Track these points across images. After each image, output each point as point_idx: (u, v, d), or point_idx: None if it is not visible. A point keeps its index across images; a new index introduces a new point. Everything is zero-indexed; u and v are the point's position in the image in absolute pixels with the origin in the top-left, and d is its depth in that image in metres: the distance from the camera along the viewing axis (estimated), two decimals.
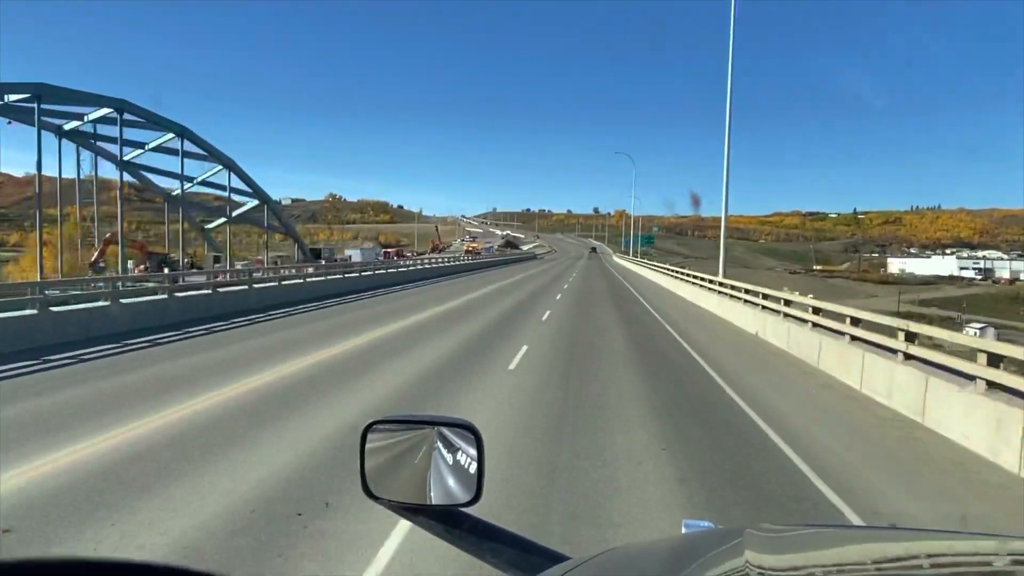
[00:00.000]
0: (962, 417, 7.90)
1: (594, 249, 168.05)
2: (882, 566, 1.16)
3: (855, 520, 5.40)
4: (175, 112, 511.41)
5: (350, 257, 75.01)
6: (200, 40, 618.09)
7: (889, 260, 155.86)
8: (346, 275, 32.09)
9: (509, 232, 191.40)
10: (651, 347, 15.58)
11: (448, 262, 51.57)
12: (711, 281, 25.32)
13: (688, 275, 31.57)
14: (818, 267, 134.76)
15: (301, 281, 27.30)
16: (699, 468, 6.45)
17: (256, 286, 23.27)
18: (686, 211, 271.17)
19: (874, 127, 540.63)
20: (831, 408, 9.77)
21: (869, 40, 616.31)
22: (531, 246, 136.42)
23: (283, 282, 25.78)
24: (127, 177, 36.48)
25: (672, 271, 37.36)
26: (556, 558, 1.27)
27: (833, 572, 1.15)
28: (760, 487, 6.05)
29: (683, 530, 1.52)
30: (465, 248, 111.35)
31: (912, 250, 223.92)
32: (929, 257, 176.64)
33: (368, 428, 1.48)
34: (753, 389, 10.66)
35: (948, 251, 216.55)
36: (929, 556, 1.20)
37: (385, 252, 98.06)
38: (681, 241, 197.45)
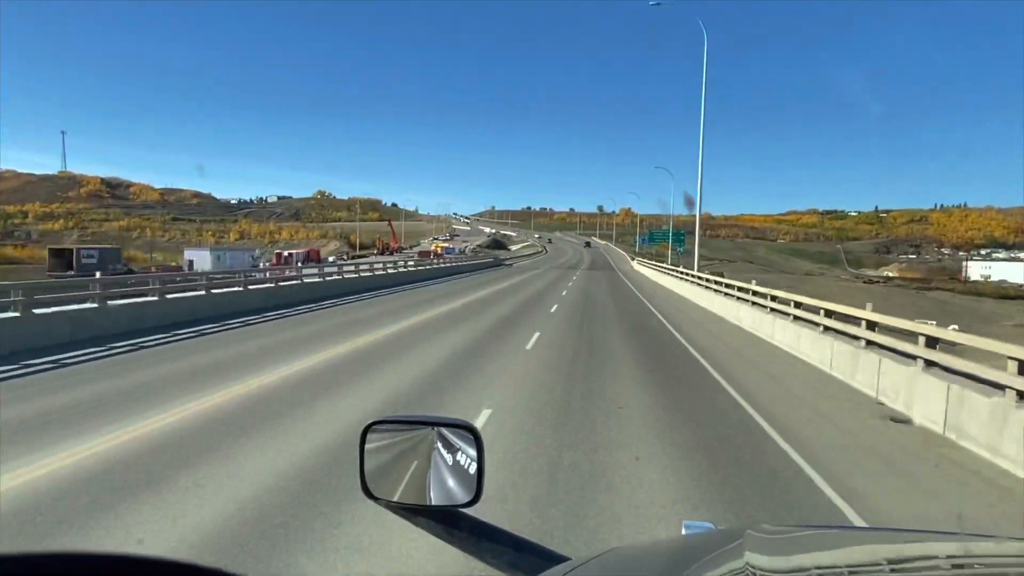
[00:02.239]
0: None
1: (588, 243, 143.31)
2: (882, 567, 1.16)
3: None
4: (165, 111, 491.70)
5: (190, 263, 55.28)
6: (189, 38, 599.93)
7: (967, 264, 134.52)
8: None
9: (497, 230, 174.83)
10: None
11: (373, 271, 33.30)
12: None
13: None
14: (891, 273, 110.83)
15: None
16: None
17: None
18: (683, 210, 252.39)
19: (888, 125, 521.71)
20: None
21: (875, 41, 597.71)
22: (520, 246, 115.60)
23: None
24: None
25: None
26: (556, 559, 1.26)
27: (833, 574, 1.15)
28: None
29: (683, 531, 1.52)
30: (431, 249, 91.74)
31: (944, 250, 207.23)
32: (1014, 258, 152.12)
33: (368, 429, 1.46)
34: None
35: (983, 251, 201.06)
36: (928, 558, 1.21)
37: (279, 255, 71.77)
38: (693, 241, 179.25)
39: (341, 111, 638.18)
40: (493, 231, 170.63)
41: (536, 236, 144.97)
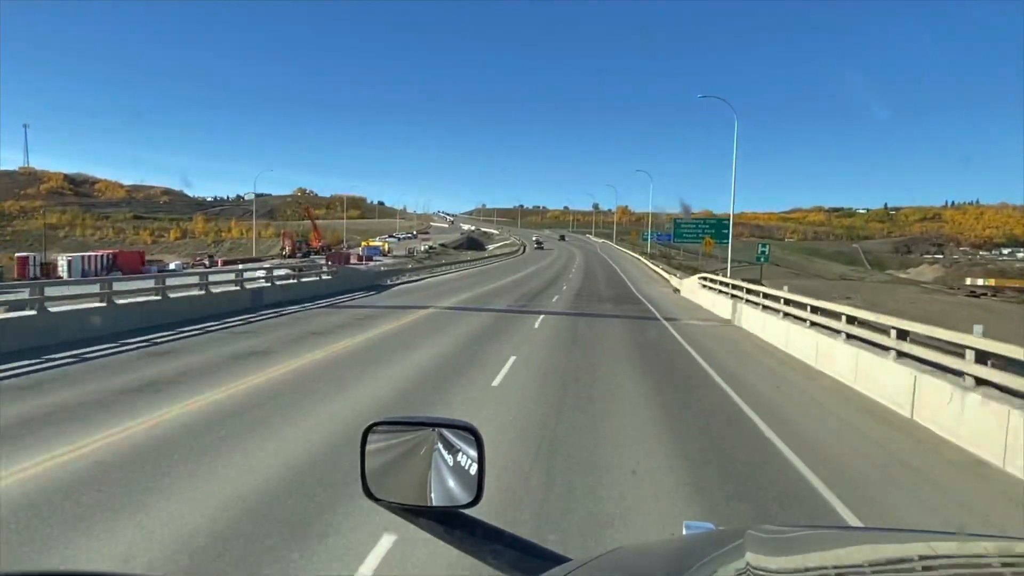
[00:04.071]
0: None
1: (563, 237, 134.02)
2: (883, 568, 1.16)
3: None
4: (147, 108, 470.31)
5: None
6: (170, 34, 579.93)
7: None
8: None
9: (478, 228, 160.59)
10: None
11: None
12: None
13: None
14: (986, 281, 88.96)
15: None
16: None
17: None
18: (680, 209, 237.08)
19: (893, 121, 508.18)
20: None
21: (877, 35, 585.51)
22: (496, 246, 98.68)
23: None
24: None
25: None
26: (557, 559, 1.26)
27: (834, 574, 1.15)
28: None
29: (684, 531, 1.51)
30: (355, 252, 72.79)
31: (964, 249, 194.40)
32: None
33: (368, 430, 1.46)
34: None
35: (1005, 250, 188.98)
36: (929, 558, 1.20)
37: (22, 261, 49.68)
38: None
39: (331, 110, 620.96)
40: (473, 228, 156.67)
41: (535, 237, 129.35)
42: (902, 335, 9.88)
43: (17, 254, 57.61)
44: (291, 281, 24.36)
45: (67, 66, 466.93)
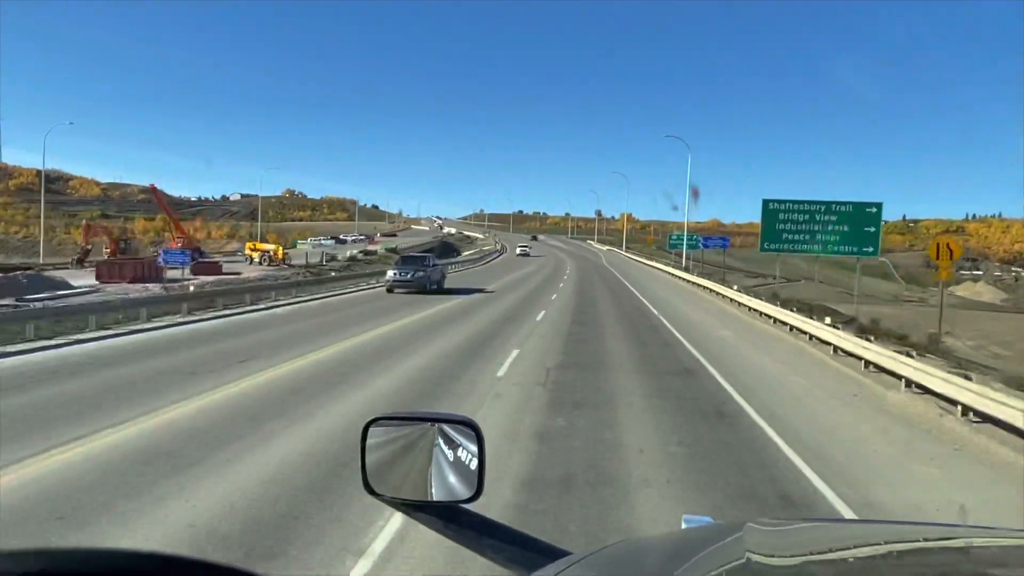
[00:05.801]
0: None
1: (535, 237, 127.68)
2: (881, 560, 1.18)
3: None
4: (141, 107, 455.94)
5: None
6: (161, 31, 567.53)
7: None
8: None
9: (458, 231, 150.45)
10: None
11: None
12: None
13: None
14: None
15: None
16: None
17: None
18: (688, 215, 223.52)
19: (907, 131, 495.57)
20: None
21: (879, 35, 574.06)
22: (470, 252, 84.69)
23: None
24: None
25: None
26: (556, 554, 1.27)
27: (832, 566, 1.16)
28: None
29: (683, 525, 1.52)
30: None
31: (998, 263, 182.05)
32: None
33: (369, 425, 1.47)
34: None
35: None
36: (927, 549, 1.22)
37: None
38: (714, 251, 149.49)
39: (330, 113, 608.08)
40: (452, 231, 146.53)
41: (521, 246, 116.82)
42: None
43: None
44: None
45: (49, 62, 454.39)
